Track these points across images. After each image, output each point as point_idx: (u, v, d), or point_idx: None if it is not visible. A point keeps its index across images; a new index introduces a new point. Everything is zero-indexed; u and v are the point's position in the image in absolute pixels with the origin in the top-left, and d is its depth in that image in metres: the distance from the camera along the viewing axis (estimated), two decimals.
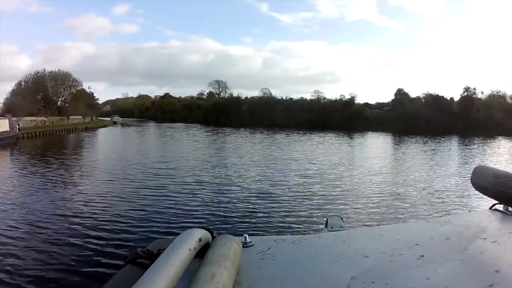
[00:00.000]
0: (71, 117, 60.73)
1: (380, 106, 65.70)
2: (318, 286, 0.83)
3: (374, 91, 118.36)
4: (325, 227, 1.95)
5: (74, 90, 65.45)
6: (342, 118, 56.61)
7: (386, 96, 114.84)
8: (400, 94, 62.08)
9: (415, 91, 69.49)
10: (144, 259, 0.88)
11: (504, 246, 0.99)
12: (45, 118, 51.51)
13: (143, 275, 0.66)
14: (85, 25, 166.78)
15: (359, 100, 65.30)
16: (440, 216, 4.21)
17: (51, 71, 64.28)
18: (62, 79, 63.98)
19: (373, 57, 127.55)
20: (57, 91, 63.27)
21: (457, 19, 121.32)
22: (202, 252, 0.84)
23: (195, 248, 0.81)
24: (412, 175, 15.75)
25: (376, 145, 32.90)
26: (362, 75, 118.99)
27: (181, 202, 10.20)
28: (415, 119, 51.73)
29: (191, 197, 10.92)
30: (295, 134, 43.99)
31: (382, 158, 22.47)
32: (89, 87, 71.34)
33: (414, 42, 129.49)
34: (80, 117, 64.41)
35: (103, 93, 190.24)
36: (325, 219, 2.18)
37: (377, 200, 10.80)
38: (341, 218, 2.16)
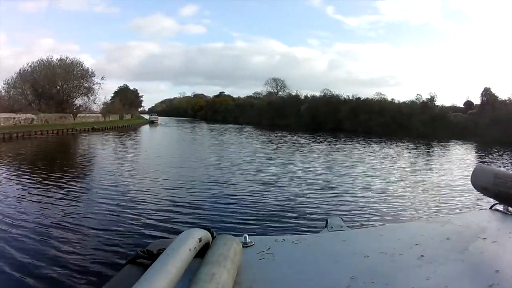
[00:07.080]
0: (80, 115, 50.05)
1: (453, 109, 58.11)
2: (318, 286, 0.82)
3: (438, 95, 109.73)
4: (325, 227, 1.83)
5: (84, 82, 54.03)
6: (423, 122, 49.59)
7: (449, 100, 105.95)
8: (487, 95, 53.87)
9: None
10: (144, 259, 0.87)
11: (504, 246, 0.98)
12: (34, 116, 40.38)
13: (143, 275, 0.66)
14: (152, 25, 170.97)
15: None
16: (440, 216, 4.23)
17: (60, 59, 52.57)
18: (72, 68, 52.85)
19: (436, 61, 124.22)
20: (68, 83, 52.42)
21: None
22: (202, 252, 0.84)
23: (195, 248, 0.80)
24: None
25: None
26: (425, 78, 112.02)
27: (181, 204, 9.94)
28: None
29: (191, 197, 10.61)
30: (371, 142, 33.07)
31: None
32: (98, 80, 56.44)
33: (478, 46, 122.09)
34: (99, 115, 54.61)
35: (166, 92, 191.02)
36: (325, 218, 2.04)
37: None
38: (341, 218, 2.01)
